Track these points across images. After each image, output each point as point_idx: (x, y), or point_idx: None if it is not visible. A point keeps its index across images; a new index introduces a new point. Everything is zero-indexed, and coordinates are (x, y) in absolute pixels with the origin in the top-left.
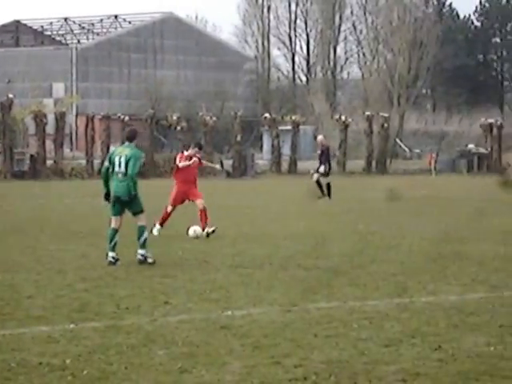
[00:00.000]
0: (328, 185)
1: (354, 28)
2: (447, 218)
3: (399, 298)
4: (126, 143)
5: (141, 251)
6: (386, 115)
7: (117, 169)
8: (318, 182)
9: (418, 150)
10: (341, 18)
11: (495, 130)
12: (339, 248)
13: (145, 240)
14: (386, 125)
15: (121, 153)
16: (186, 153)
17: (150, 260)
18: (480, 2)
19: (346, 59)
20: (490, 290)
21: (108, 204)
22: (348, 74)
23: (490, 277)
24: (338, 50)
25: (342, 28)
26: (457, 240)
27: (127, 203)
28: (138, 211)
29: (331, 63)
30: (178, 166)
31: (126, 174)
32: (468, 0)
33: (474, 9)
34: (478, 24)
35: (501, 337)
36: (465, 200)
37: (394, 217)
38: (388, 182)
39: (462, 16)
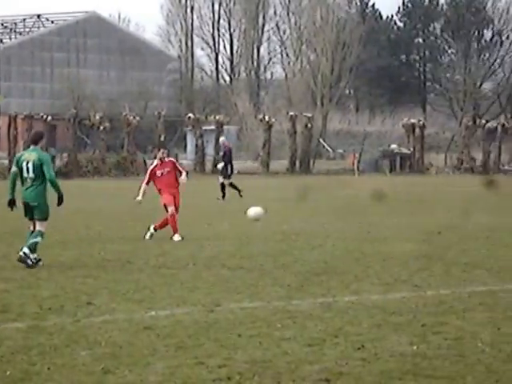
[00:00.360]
0: (231, 184)
1: (278, 28)
2: (370, 218)
3: (322, 298)
4: (32, 147)
5: (26, 249)
6: (309, 115)
7: (25, 174)
8: (222, 184)
9: (341, 150)
10: (264, 18)
11: (418, 130)
12: (263, 248)
13: (35, 244)
14: (309, 125)
15: (28, 158)
16: (155, 161)
17: (29, 262)
18: (403, 3)
19: (270, 59)
20: (412, 289)
21: (11, 211)
22: (271, 74)
23: (413, 276)
24: (262, 50)
25: (266, 28)
26: (380, 240)
27: (35, 208)
28: (42, 218)
29: (255, 63)
30: (145, 180)
31: (35, 179)
32: (391, 0)
33: (396, 9)
34: (400, 24)
35: (423, 336)
36: (387, 200)
37: (318, 217)
38: (311, 181)
39: (384, 16)
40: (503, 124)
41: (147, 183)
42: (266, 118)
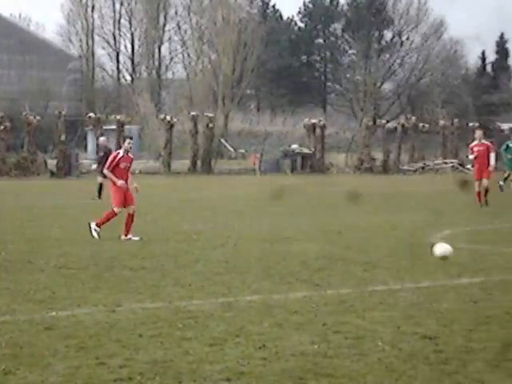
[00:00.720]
0: (100, 185)
1: (179, 28)
2: (271, 218)
3: (224, 298)
4: None
5: None
6: (210, 115)
7: None
8: (101, 184)
9: (242, 150)
10: (165, 17)
11: (318, 130)
12: (164, 248)
13: None
14: (210, 125)
15: None
16: (121, 151)
17: None
18: (303, 3)
19: (171, 59)
20: (313, 288)
21: None
22: (173, 73)
23: (313, 276)
24: (163, 49)
25: (167, 28)
26: (280, 239)
27: None
28: None
29: (156, 63)
30: (109, 167)
31: None
32: (292, 1)
33: (297, 10)
34: (301, 25)
35: (324, 335)
36: (288, 200)
37: (219, 216)
38: (212, 181)
39: (285, 17)
40: (403, 124)
41: (112, 171)
42: (168, 117)
